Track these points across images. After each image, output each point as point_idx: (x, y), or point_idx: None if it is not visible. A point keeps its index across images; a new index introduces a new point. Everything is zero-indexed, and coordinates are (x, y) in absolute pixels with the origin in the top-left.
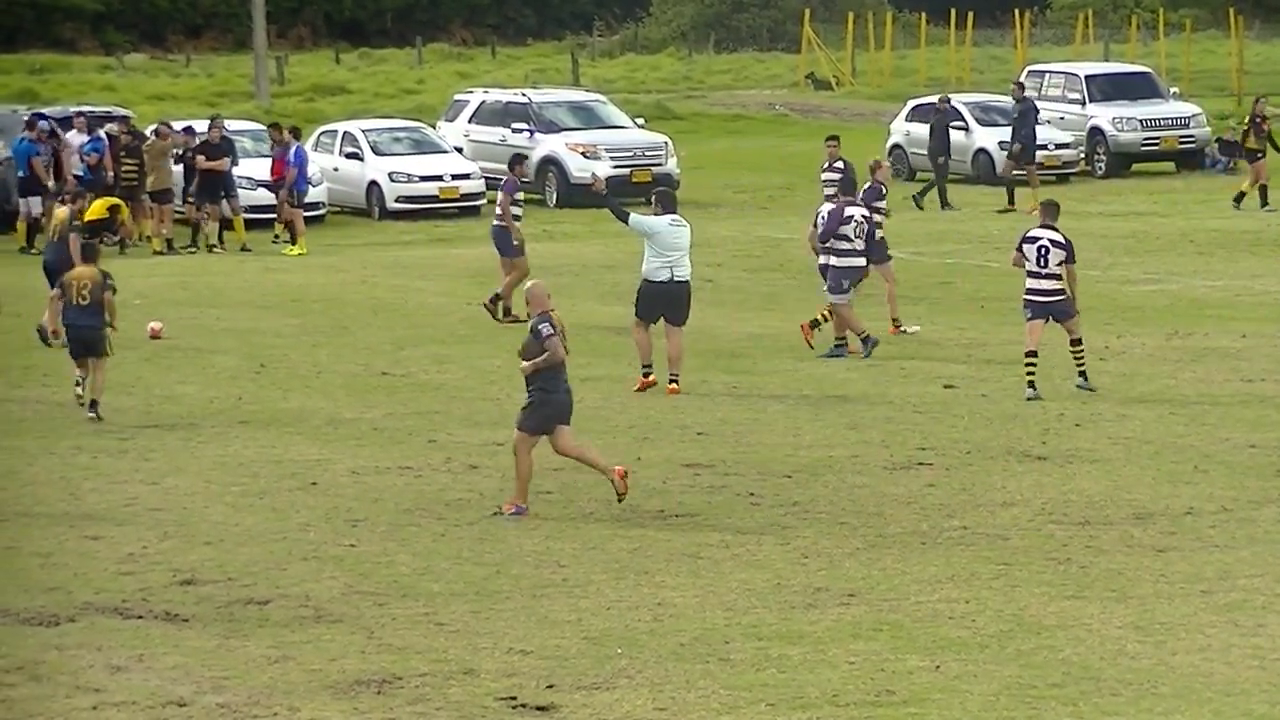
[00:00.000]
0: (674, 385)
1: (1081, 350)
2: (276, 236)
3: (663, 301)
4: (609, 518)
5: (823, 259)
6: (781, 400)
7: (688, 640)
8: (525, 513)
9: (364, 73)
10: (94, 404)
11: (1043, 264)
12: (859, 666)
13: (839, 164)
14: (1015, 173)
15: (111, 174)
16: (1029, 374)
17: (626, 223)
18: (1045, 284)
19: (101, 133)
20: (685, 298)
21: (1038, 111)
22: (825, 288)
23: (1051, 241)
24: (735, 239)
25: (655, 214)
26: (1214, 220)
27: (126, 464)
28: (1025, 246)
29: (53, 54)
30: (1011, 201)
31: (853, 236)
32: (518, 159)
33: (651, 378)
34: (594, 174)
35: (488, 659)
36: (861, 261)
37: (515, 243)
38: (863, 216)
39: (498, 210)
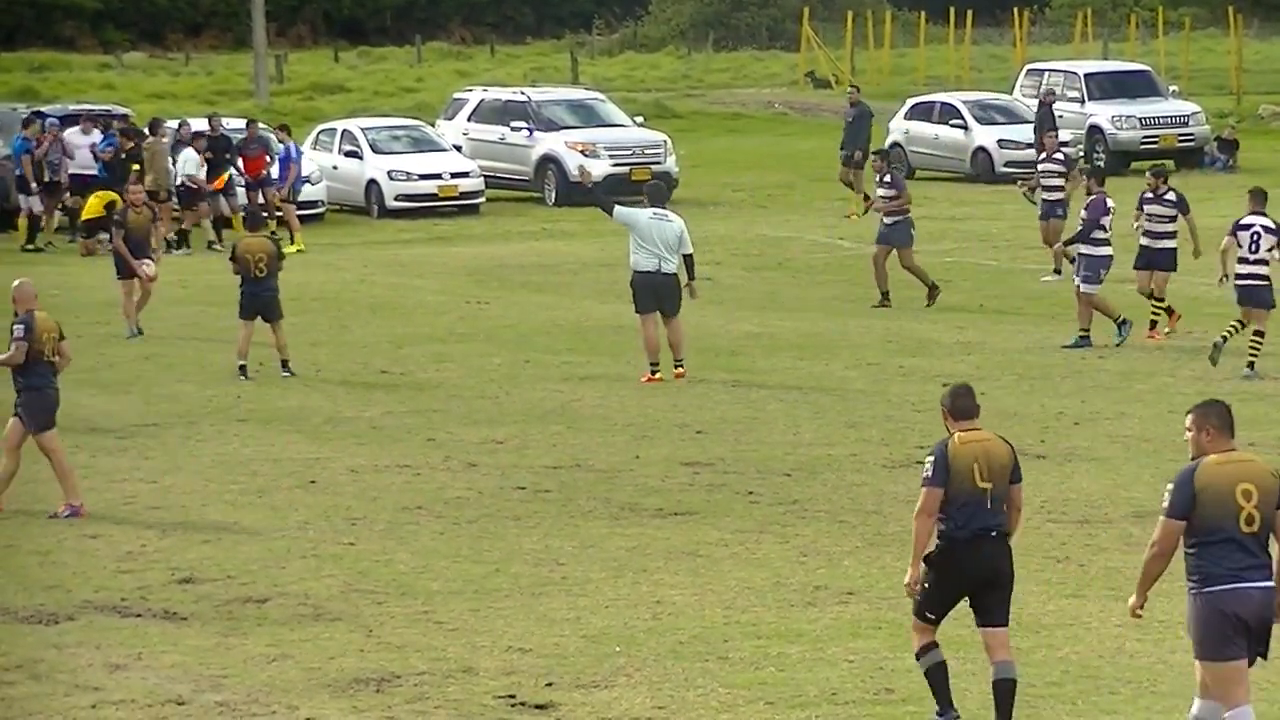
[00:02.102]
0: (680, 370)
1: (1260, 342)
2: (273, 234)
3: (655, 291)
4: (607, 516)
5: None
6: (780, 398)
7: (686, 638)
8: (81, 511)
9: (363, 71)
10: (285, 363)
11: (1254, 249)
12: (858, 665)
13: (1059, 155)
14: (852, 178)
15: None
16: (1252, 354)
17: (611, 214)
18: (1252, 269)
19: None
20: (675, 287)
21: (872, 116)
22: (1081, 276)
23: (1263, 228)
24: (734, 237)
25: (644, 207)
26: (1213, 218)
27: (125, 462)
28: (1239, 233)
29: (52, 52)
30: (866, 199)
31: (1109, 227)
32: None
33: (658, 375)
34: (581, 167)
35: (486, 657)
36: (1111, 250)
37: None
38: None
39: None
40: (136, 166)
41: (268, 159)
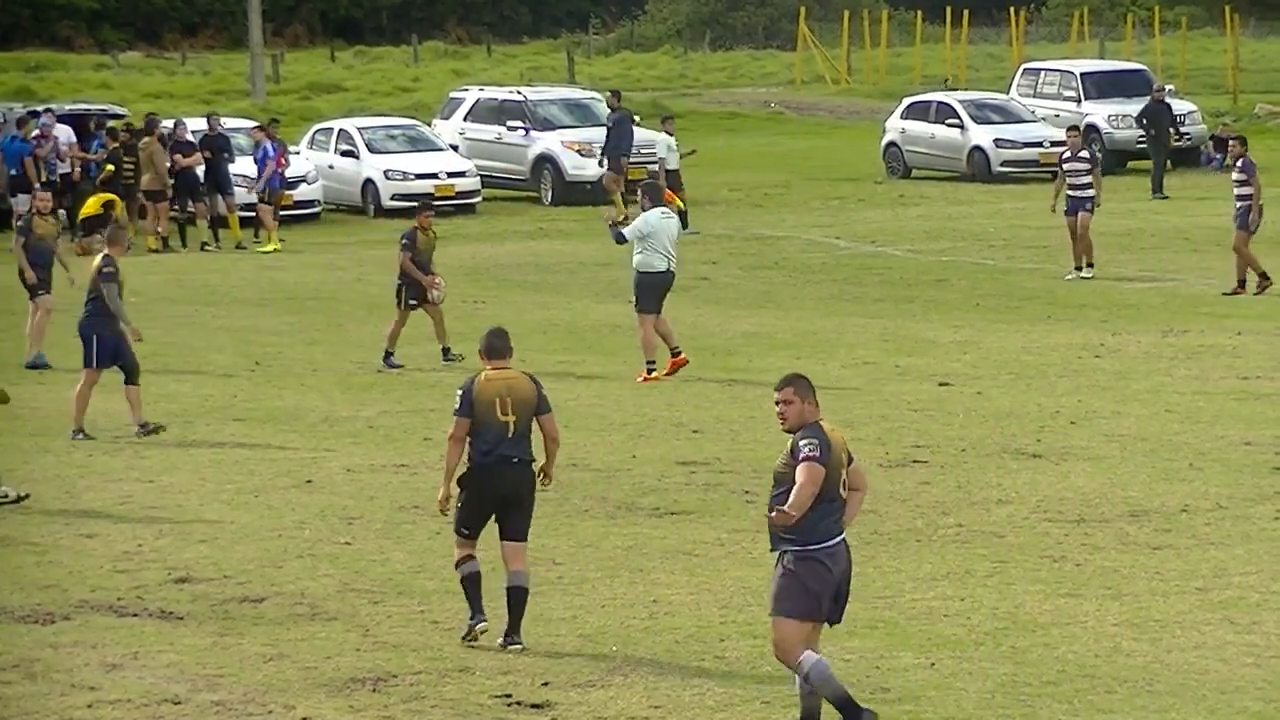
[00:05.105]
0: (680, 356)
1: None
2: (256, 233)
3: (663, 291)
4: (604, 515)
5: None
6: None
7: (682, 638)
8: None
9: (360, 70)
10: (446, 350)
11: None
12: (854, 664)
13: (1084, 153)
14: (614, 186)
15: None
16: None
17: (626, 241)
18: None
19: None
20: (671, 285)
21: (633, 121)
22: None
23: None
24: (730, 236)
25: (644, 208)
26: (1209, 217)
27: (122, 461)
28: None
29: (49, 51)
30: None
31: None
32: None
33: (655, 375)
34: (610, 217)
35: (483, 656)
36: None
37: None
38: None
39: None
40: (110, 167)
41: (284, 160)
